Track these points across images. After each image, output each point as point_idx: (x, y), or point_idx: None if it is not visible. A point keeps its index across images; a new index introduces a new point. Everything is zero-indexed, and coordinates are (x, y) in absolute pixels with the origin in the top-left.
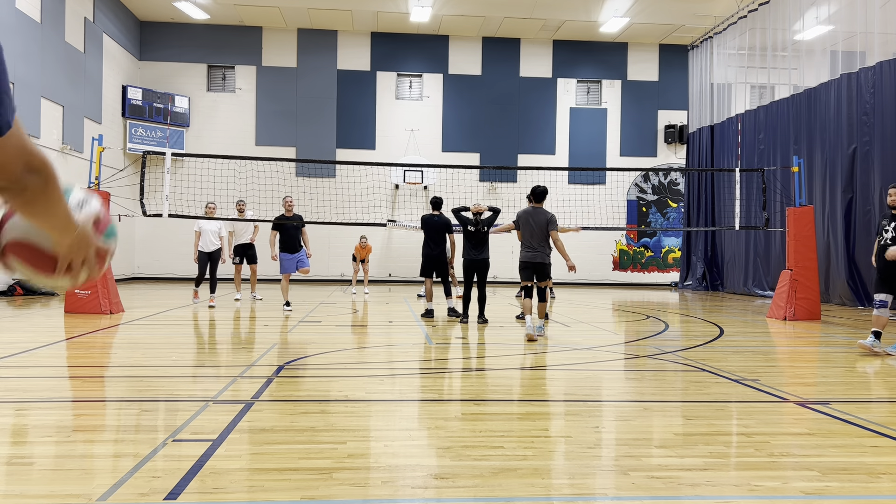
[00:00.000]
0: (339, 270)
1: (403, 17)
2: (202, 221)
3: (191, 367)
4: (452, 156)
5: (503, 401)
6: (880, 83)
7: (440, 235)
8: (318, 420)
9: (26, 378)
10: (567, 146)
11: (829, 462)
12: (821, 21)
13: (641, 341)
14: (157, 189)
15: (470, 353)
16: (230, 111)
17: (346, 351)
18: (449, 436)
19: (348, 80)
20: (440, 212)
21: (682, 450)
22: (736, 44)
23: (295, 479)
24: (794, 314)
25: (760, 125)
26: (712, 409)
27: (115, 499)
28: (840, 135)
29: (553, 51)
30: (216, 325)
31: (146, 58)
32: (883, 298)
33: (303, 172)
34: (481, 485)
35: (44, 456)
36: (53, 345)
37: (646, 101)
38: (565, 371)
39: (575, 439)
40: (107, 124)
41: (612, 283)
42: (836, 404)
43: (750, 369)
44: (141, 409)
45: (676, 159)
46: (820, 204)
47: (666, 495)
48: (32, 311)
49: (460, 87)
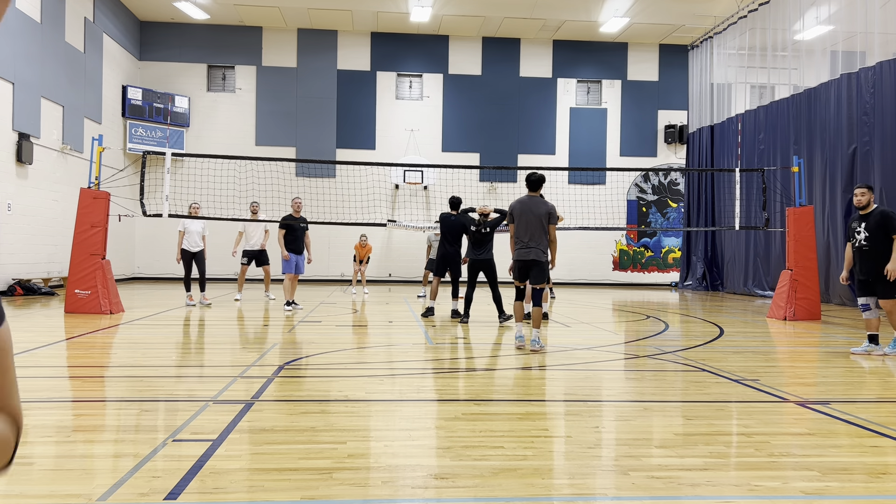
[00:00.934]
0: (339, 270)
1: (403, 17)
2: (187, 221)
3: (191, 367)
4: (452, 156)
5: (503, 401)
6: (880, 83)
7: (458, 235)
8: (318, 420)
9: (26, 378)
10: (567, 146)
11: (829, 462)
12: (821, 21)
13: (641, 341)
14: (157, 189)
15: (470, 353)
16: (230, 111)
17: (346, 351)
18: (449, 436)
19: (348, 80)
20: (458, 211)
21: (682, 450)
22: (736, 44)
23: (295, 479)
24: (794, 314)
25: (760, 125)
26: (712, 409)
27: (115, 499)
28: (840, 135)
29: (553, 51)
30: (216, 326)
31: (146, 58)
32: (865, 302)
33: (303, 172)
34: (481, 485)
35: (44, 456)
36: (53, 345)
37: (646, 101)
38: (565, 371)
39: (575, 439)
40: (107, 124)
41: (612, 284)
42: (836, 404)
43: (750, 369)
44: (141, 409)
45: (676, 159)
46: (820, 204)
47: (666, 495)
48: (32, 311)
49: (460, 87)
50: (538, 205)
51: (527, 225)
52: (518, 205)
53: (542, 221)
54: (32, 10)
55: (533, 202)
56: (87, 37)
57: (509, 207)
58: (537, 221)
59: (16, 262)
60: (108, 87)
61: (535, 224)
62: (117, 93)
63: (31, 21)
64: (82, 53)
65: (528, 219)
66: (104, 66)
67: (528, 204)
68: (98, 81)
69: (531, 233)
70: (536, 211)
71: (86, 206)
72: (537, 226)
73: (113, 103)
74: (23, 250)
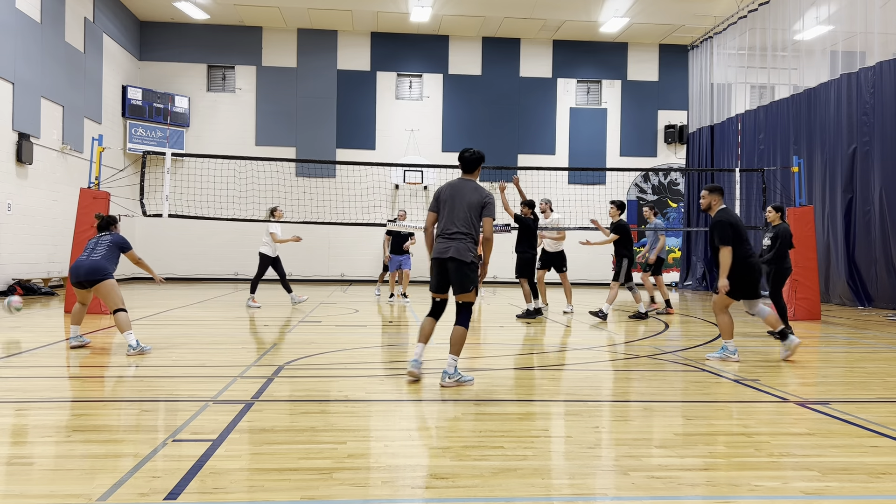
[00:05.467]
0: (339, 270)
1: (403, 17)
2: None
3: (191, 367)
4: (452, 156)
5: (503, 401)
6: (880, 83)
7: (534, 236)
8: (318, 420)
9: (26, 378)
10: (567, 146)
11: (829, 462)
12: (821, 21)
13: (641, 341)
14: (157, 189)
15: (470, 353)
16: (230, 111)
17: (346, 351)
18: (449, 436)
19: (348, 80)
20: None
21: (682, 450)
22: (736, 44)
23: (295, 479)
24: (794, 314)
25: (760, 125)
26: (712, 409)
27: (115, 499)
28: (840, 135)
29: (553, 51)
30: (216, 326)
31: (146, 58)
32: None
33: (303, 172)
34: (481, 485)
35: (44, 456)
36: (53, 345)
37: (646, 101)
38: (565, 371)
39: (575, 439)
40: (107, 124)
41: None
42: (836, 404)
43: (750, 369)
44: (141, 409)
45: (676, 159)
46: (820, 204)
47: (666, 495)
48: (32, 311)
49: (460, 87)
50: (473, 191)
51: (453, 213)
52: (448, 188)
53: (474, 211)
54: (32, 10)
55: (467, 187)
56: (87, 37)
57: (436, 192)
58: (469, 211)
59: (16, 262)
60: (108, 87)
61: (464, 214)
62: (117, 93)
63: (31, 21)
64: (82, 53)
65: (457, 206)
66: (104, 66)
67: (461, 188)
68: (98, 81)
69: (458, 224)
70: (469, 198)
71: (86, 206)
72: (466, 217)
73: (113, 103)
74: (23, 250)
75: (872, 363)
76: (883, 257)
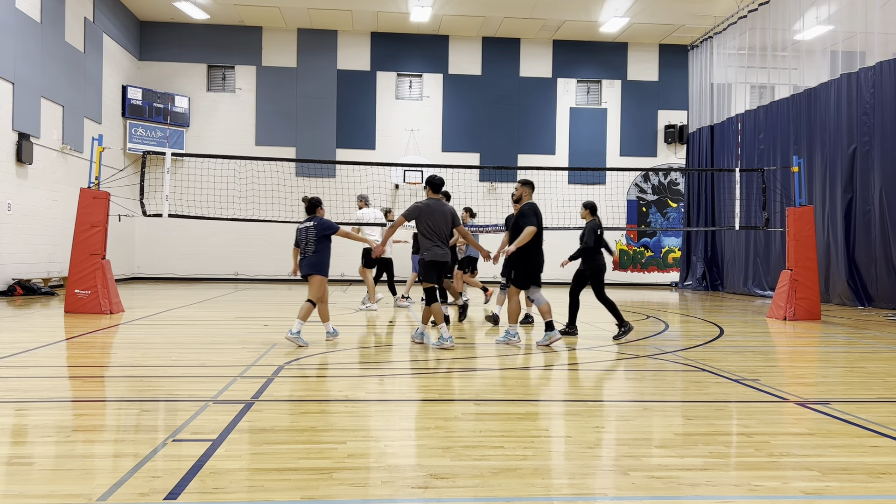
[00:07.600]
0: (339, 270)
1: (403, 17)
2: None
3: (191, 367)
4: (452, 156)
5: (503, 401)
6: (880, 83)
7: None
8: (318, 420)
9: (26, 378)
10: (567, 146)
11: (829, 462)
12: (821, 21)
13: (641, 341)
14: (157, 189)
15: (470, 353)
16: (230, 111)
17: (346, 351)
18: (449, 436)
19: (348, 80)
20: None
21: (682, 450)
22: (736, 44)
23: (295, 479)
24: (794, 314)
25: (760, 125)
26: (712, 409)
27: (115, 499)
28: (840, 135)
29: (553, 51)
30: (216, 326)
31: (146, 58)
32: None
33: (303, 172)
34: (481, 485)
35: (44, 456)
36: (53, 345)
37: (646, 101)
38: (565, 371)
39: (575, 439)
40: (107, 124)
41: (611, 283)
42: (836, 404)
43: (750, 369)
44: (141, 409)
45: (676, 159)
46: (820, 204)
47: (666, 495)
48: (32, 311)
49: (460, 87)
50: (443, 206)
51: (436, 225)
52: (426, 206)
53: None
54: (32, 10)
55: (438, 205)
56: (87, 37)
57: (415, 207)
58: (446, 223)
59: (16, 262)
60: (108, 87)
61: (445, 225)
62: (117, 93)
63: (31, 21)
64: (82, 53)
65: (438, 219)
66: (104, 66)
67: (435, 207)
68: (98, 81)
69: (442, 235)
70: (443, 211)
71: (86, 206)
72: (446, 228)
73: (113, 103)
74: (23, 250)
75: (872, 363)
76: (883, 257)
